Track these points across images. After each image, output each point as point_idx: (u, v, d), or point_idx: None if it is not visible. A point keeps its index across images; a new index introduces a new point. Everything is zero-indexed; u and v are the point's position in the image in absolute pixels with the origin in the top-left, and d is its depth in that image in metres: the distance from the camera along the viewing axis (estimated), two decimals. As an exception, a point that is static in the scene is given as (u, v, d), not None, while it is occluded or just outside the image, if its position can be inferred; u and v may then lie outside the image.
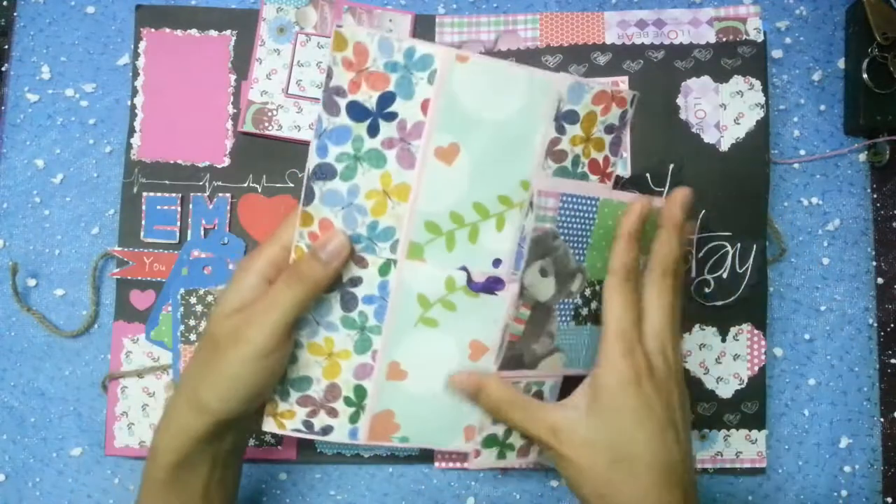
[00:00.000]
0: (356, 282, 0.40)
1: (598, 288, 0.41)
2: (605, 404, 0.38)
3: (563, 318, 0.41)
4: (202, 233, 0.52)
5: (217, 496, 0.42)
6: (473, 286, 0.41)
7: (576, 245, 0.40)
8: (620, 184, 0.50)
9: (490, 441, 0.44)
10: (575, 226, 0.40)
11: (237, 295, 0.38)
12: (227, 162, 0.53)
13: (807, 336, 0.53)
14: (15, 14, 0.55)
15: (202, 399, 0.38)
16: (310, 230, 0.39)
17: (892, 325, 0.53)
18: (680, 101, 0.52)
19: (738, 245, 0.51)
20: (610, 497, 0.38)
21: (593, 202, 0.40)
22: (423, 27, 0.53)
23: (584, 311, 0.42)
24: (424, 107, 0.37)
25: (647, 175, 0.51)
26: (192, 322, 0.51)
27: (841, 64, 0.55)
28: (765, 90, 0.52)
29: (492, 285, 0.41)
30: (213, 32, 0.54)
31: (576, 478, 0.39)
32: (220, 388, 0.38)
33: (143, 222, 0.52)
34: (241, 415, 0.39)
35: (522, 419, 0.41)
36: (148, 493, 0.41)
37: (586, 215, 0.40)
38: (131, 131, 0.53)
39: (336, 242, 0.38)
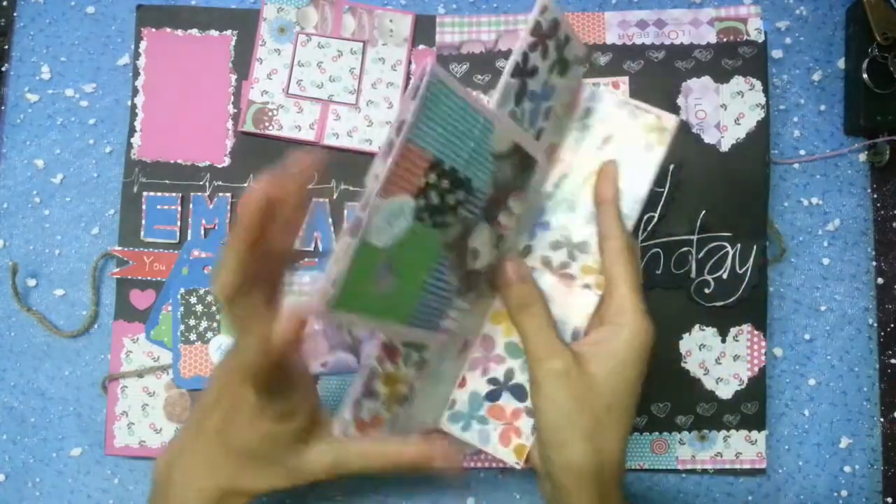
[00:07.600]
0: None
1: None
2: (623, 355, 0.39)
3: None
4: (202, 232, 0.52)
5: None
6: None
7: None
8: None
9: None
10: None
11: None
12: (227, 162, 0.53)
13: (807, 336, 0.53)
14: (15, 14, 0.55)
15: None
16: None
17: (892, 325, 0.53)
18: (680, 101, 0.52)
19: (739, 245, 0.51)
20: (599, 437, 0.39)
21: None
22: (424, 27, 0.53)
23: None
24: None
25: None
26: (192, 322, 0.51)
27: (841, 64, 0.55)
28: (765, 90, 0.52)
29: None
30: (214, 32, 0.54)
31: (574, 406, 0.39)
32: None
33: (144, 222, 0.52)
34: None
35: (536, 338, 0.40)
36: None
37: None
38: (131, 131, 0.53)
39: None
